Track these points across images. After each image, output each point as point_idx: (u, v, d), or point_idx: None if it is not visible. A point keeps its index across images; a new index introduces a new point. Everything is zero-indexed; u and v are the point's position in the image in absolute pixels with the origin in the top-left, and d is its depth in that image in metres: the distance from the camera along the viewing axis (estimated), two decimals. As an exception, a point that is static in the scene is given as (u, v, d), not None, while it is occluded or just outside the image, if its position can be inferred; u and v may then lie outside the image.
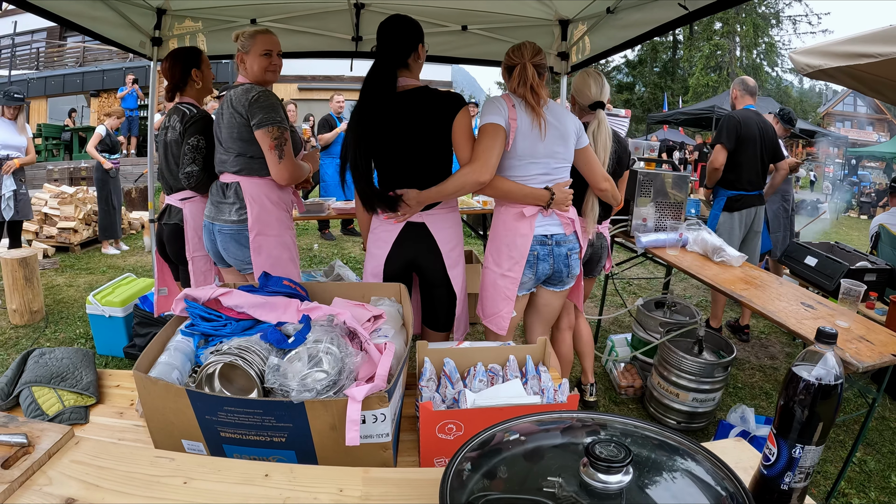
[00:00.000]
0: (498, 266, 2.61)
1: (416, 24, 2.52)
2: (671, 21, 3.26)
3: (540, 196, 2.53)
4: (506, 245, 2.59)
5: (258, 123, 2.63)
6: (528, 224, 2.54)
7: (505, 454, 0.97)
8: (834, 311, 2.93)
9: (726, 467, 0.89)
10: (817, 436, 0.96)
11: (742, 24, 28.64)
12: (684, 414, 3.47)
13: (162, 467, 1.12)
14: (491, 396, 1.56)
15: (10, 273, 4.77)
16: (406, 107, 2.43)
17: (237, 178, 2.75)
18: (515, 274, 2.58)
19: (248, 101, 2.63)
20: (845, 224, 15.49)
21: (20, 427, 1.17)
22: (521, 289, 2.65)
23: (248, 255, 2.78)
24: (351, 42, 4.70)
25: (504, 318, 2.64)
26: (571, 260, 2.68)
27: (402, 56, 2.48)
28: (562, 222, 2.62)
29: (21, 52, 21.53)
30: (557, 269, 2.66)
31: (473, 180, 2.37)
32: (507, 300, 2.62)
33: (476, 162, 2.36)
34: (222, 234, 2.78)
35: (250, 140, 2.68)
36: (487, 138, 2.39)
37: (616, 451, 0.85)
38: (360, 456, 1.40)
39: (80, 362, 1.95)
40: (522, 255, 2.55)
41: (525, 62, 2.52)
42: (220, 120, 2.76)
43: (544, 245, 2.59)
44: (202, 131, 2.95)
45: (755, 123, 4.47)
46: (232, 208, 2.75)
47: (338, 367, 1.39)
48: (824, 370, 0.95)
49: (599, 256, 3.21)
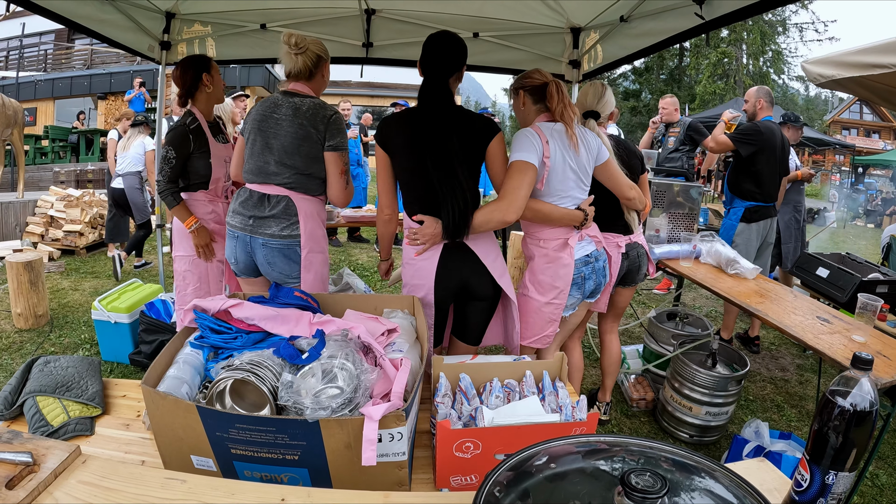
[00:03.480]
0: (542, 296, 2.61)
1: (464, 44, 2.42)
2: (686, 31, 3.22)
3: (575, 217, 2.55)
4: (548, 277, 2.59)
5: (335, 146, 2.62)
6: (570, 252, 2.57)
7: (533, 480, 0.93)
8: (850, 325, 2.89)
9: (763, 498, 0.86)
10: (850, 462, 0.95)
11: (749, 32, 28.58)
12: (697, 427, 3.42)
13: (173, 490, 1.08)
14: (508, 414, 1.52)
15: (15, 277, 4.73)
16: (451, 126, 2.34)
17: (288, 193, 2.65)
18: (561, 300, 2.61)
19: (327, 119, 2.60)
20: (853, 233, 15.41)
21: (25, 444, 1.13)
22: (569, 310, 2.71)
23: (295, 269, 2.71)
24: (361, 48, 4.67)
25: (550, 337, 2.69)
26: (606, 270, 2.81)
27: (449, 72, 2.38)
28: (594, 241, 2.70)
29: (29, 53, 21.60)
30: (597, 282, 2.75)
31: (499, 219, 2.32)
32: (552, 323, 2.66)
33: (503, 201, 2.32)
34: (267, 248, 2.66)
35: (316, 158, 2.63)
36: (517, 176, 2.33)
37: (652, 481, 0.81)
38: (374, 475, 1.36)
39: (86, 371, 1.92)
40: (567, 284, 2.59)
41: (551, 80, 2.50)
42: (272, 126, 2.62)
43: (588, 264, 2.66)
44: (172, 142, 2.98)
45: (778, 135, 4.46)
46: (279, 223, 2.64)
47: (353, 384, 1.35)
48: (860, 396, 0.93)
49: (639, 265, 3.16)
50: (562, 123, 2.47)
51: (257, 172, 2.67)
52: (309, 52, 2.64)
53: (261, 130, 2.64)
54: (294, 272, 2.72)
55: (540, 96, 2.55)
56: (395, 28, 4.56)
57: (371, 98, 23.15)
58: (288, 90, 2.69)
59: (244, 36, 4.52)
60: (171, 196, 3.03)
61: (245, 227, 2.68)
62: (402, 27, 4.55)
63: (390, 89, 21.26)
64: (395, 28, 4.56)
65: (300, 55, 2.62)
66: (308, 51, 2.64)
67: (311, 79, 2.71)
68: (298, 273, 2.73)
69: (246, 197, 2.70)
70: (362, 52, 4.71)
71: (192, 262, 3.22)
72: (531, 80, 2.57)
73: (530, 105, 2.61)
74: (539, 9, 4.24)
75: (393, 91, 20.25)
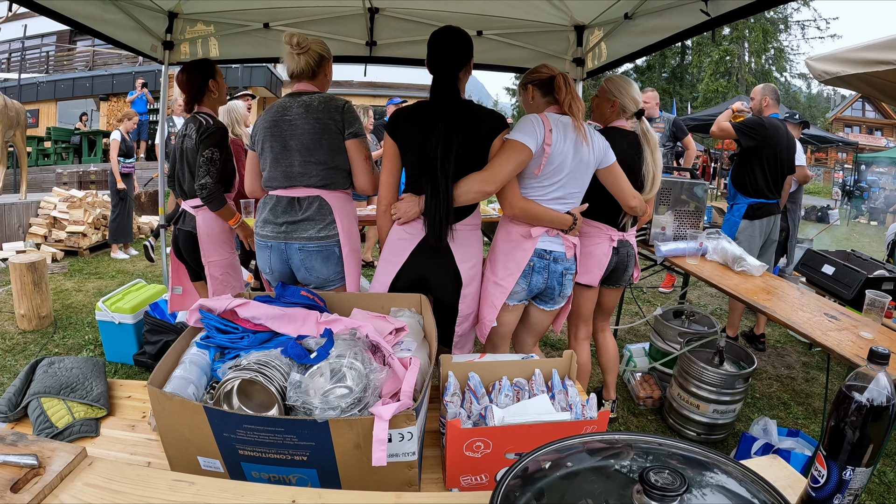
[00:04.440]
0: (493, 273, 2.63)
1: (469, 38, 2.44)
2: (691, 28, 3.20)
3: (564, 221, 2.55)
4: (504, 255, 2.61)
5: (354, 133, 2.61)
6: (532, 243, 2.57)
7: (548, 479, 0.92)
8: (857, 321, 2.88)
9: (779, 494, 0.85)
10: (867, 457, 0.95)
11: (751, 30, 28.50)
12: (704, 425, 3.41)
13: (181, 492, 1.06)
14: (519, 413, 1.50)
15: (18, 278, 4.73)
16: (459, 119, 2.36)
17: (319, 192, 2.62)
18: (507, 284, 2.59)
19: (340, 109, 2.59)
20: (856, 230, 15.37)
21: (30, 446, 1.12)
22: (512, 298, 2.64)
23: (332, 271, 2.68)
24: (365, 47, 4.65)
25: (485, 325, 2.65)
26: (566, 280, 2.68)
27: (457, 68, 2.40)
28: (564, 244, 2.63)
29: (31, 55, 21.61)
30: (550, 286, 2.66)
31: (478, 189, 2.36)
32: (492, 308, 2.62)
33: (486, 172, 2.36)
34: (305, 252, 2.62)
35: (339, 149, 2.61)
36: (506, 153, 2.36)
37: (671, 478, 0.80)
38: (384, 474, 1.34)
39: (91, 372, 1.90)
40: (518, 268, 2.57)
41: (558, 73, 2.51)
42: (286, 128, 2.59)
43: (542, 259, 2.59)
44: (217, 144, 2.93)
45: (783, 132, 4.45)
46: (315, 224, 2.60)
47: (362, 383, 1.34)
48: (876, 391, 0.93)
49: (626, 265, 3.13)
50: (569, 116, 2.48)
51: (282, 178, 2.63)
52: (311, 51, 2.63)
53: (275, 136, 2.60)
54: (332, 275, 2.69)
55: (548, 89, 2.58)
56: (398, 26, 4.55)
57: (374, 98, 23.15)
58: (293, 91, 2.67)
59: (247, 35, 4.51)
60: (221, 198, 2.99)
61: (278, 235, 2.63)
62: (405, 25, 4.53)
63: (393, 88, 21.23)
64: (399, 26, 4.55)
65: (302, 55, 2.61)
66: (310, 50, 2.63)
67: (314, 78, 2.69)
68: (336, 274, 2.69)
69: (273, 203, 2.65)
70: (366, 51, 4.70)
71: (230, 264, 3.23)
72: (539, 75, 2.60)
73: (539, 98, 2.63)
74: (543, 6, 4.22)
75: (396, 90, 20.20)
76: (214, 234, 3.10)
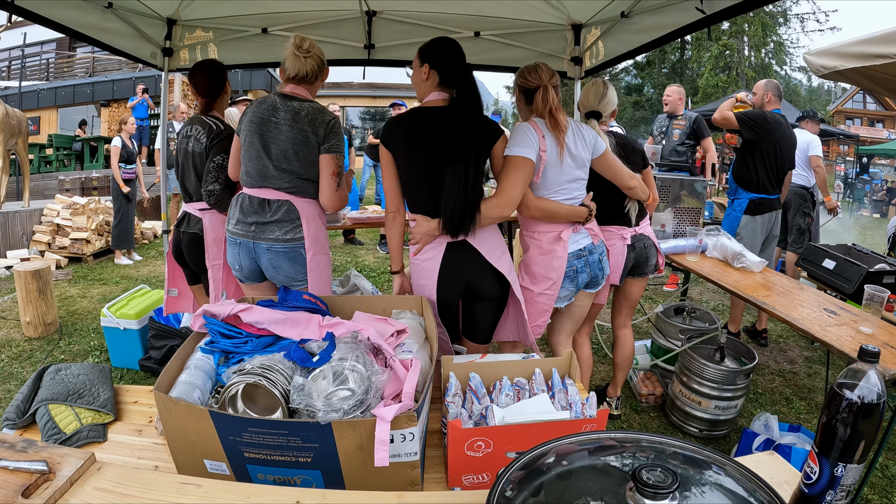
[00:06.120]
0: (535, 286, 2.67)
1: (459, 46, 2.47)
2: (687, 25, 3.21)
3: (580, 213, 2.65)
4: (542, 268, 2.65)
5: (329, 148, 2.63)
6: (564, 246, 2.61)
7: (545, 477, 0.94)
8: (857, 316, 2.89)
9: (773, 492, 0.86)
10: (859, 454, 0.96)
11: (750, 24, 28.44)
12: (706, 422, 3.42)
13: (189, 495, 1.08)
14: (519, 412, 1.53)
15: (23, 285, 4.76)
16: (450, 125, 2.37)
17: (288, 197, 2.66)
18: (553, 291, 2.65)
19: (326, 125, 2.62)
20: (858, 223, 15.34)
21: (40, 452, 1.14)
22: (562, 301, 2.75)
23: (300, 271, 2.72)
24: (363, 50, 4.67)
25: (541, 328, 2.73)
26: (603, 263, 2.81)
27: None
28: (590, 234, 2.72)
29: (31, 63, 21.67)
30: (594, 275, 2.77)
31: (497, 214, 2.40)
32: (544, 313, 2.70)
33: (500, 197, 2.40)
34: (272, 252, 2.67)
35: (314, 162, 2.65)
36: (513, 173, 2.40)
37: (663, 476, 0.81)
38: (387, 475, 1.36)
39: (97, 378, 1.92)
40: (560, 276, 2.63)
41: (545, 84, 2.53)
42: (271, 130, 2.63)
43: (581, 258, 2.68)
44: (228, 149, 2.95)
45: (785, 128, 4.47)
46: (282, 227, 2.65)
47: (364, 385, 1.36)
48: (867, 388, 0.94)
49: (646, 256, 3.16)
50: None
51: (256, 175, 2.68)
52: (315, 56, 2.67)
53: (259, 133, 2.64)
54: (299, 274, 2.73)
55: (530, 99, 2.61)
56: (396, 29, 4.56)
57: (373, 99, 23.15)
58: (286, 93, 2.68)
59: (246, 40, 4.52)
60: (227, 202, 2.98)
61: (247, 233, 2.69)
62: (403, 28, 4.54)
63: (392, 90, 21.23)
64: (397, 29, 4.56)
65: (308, 59, 2.64)
66: (314, 56, 2.66)
67: (312, 83, 2.73)
68: (303, 275, 2.74)
69: (245, 203, 2.71)
70: (364, 54, 4.71)
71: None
72: (525, 82, 2.62)
73: (523, 105, 2.69)
74: (540, 6, 4.23)
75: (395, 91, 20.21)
76: (220, 237, 3.11)
